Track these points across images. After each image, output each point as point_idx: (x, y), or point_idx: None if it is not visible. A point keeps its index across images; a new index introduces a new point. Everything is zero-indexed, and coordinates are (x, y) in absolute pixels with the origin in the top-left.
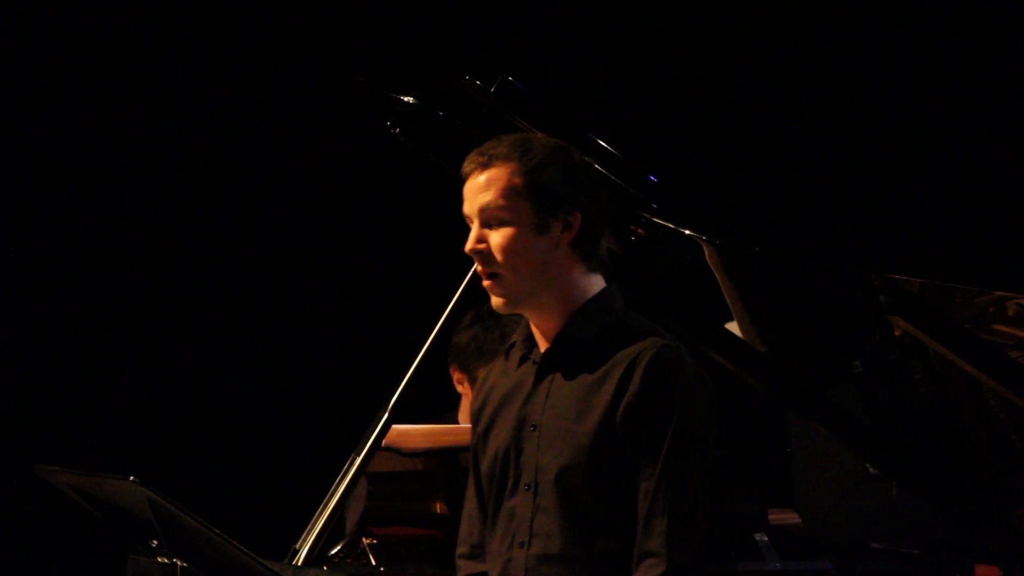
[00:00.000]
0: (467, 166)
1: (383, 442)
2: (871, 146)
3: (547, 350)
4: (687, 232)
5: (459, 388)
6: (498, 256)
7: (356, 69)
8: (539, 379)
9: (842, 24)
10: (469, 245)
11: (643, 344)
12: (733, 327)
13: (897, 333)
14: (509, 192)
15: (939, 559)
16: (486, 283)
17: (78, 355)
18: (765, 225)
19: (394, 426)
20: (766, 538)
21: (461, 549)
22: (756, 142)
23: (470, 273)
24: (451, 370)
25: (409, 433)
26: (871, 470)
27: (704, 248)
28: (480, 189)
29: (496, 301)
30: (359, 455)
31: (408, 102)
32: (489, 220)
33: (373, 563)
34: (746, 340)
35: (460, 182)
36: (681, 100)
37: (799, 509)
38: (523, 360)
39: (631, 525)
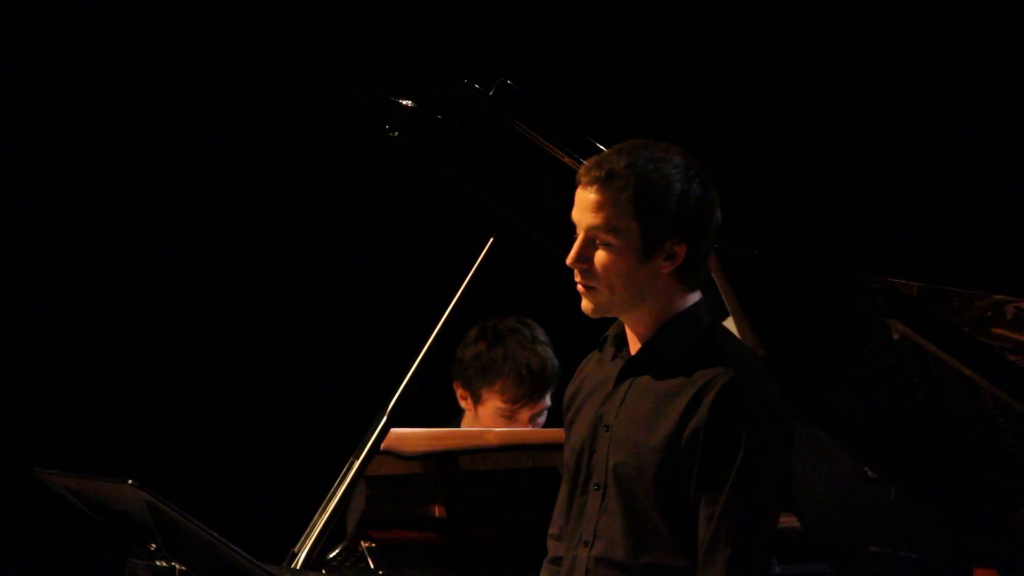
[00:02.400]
0: (583, 175)
1: (382, 445)
2: (869, 149)
3: (632, 356)
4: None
5: (462, 403)
6: (599, 275)
7: (354, 72)
8: (620, 380)
9: (842, 26)
10: (571, 259)
11: (719, 369)
12: (728, 324)
13: (896, 336)
14: (619, 218)
15: (938, 562)
16: (580, 289)
17: (77, 358)
18: (764, 228)
19: (393, 429)
20: None
21: (552, 530)
22: (754, 145)
23: (468, 277)
24: (455, 385)
25: (408, 437)
26: (870, 473)
27: None
28: (591, 207)
29: (586, 305)
30: (358, 458)
31: (406, 105)
32: (594, 239)
33: (372, 567)
34: (745, 343)
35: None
36: (679, 102)
37: (797, 513)
38: (614, 356)
39: (690, 545)
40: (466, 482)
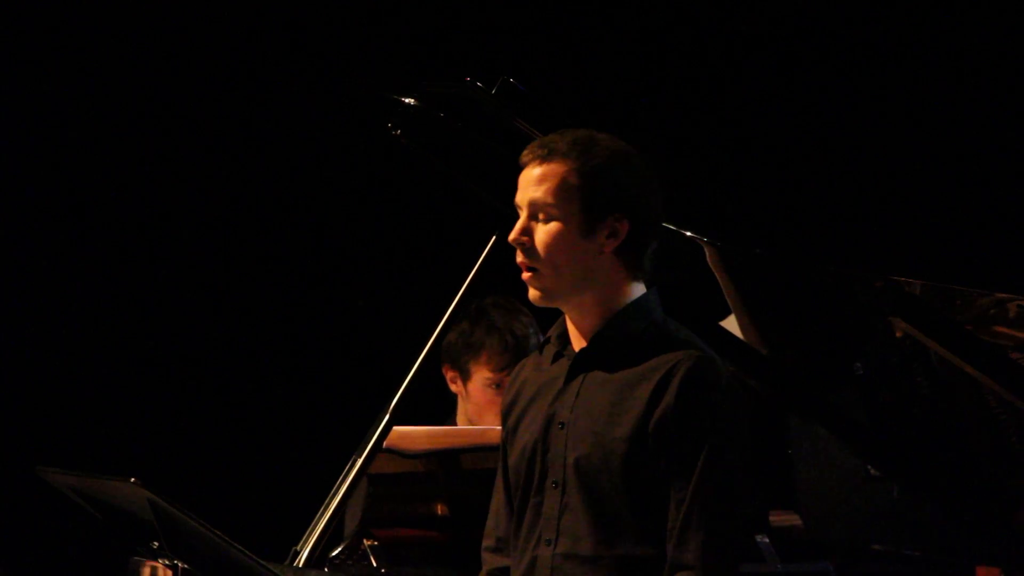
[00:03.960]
0: (526, 156)
1: (384, 444)
2: (872, 148)
3: (582, 349)
4: (688, 234)
5: (452, 387)
6: (540, 251)
7: (357, 71)
8: (571, 377)
9: (844, 26)
10: (513, 235)
11: (679, 354)
12: (730, 323)
13: (898, 335)
14: (561, 190)
15: (940, 561)
16: (525, 276)
17: (79, 356)
18: (767, 227)
19: (395, 428)
20: (767, 540)
21: (487, 542)
22: (757, 144)
23: (471, 276)
24: (444, 371)
25: (410, 435)
26: (872, 472)
27: (706, 250)
28: (533, 182)
29: (533, 294)
30: (360, 456)
31: (409, 103)
32: (537, 214)
33: (374, 565)
34: (748, 342)
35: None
36: (682, 101)
37: (800, 511)
38: (557, 357)
39: (659, 534)
40: (468, 480)
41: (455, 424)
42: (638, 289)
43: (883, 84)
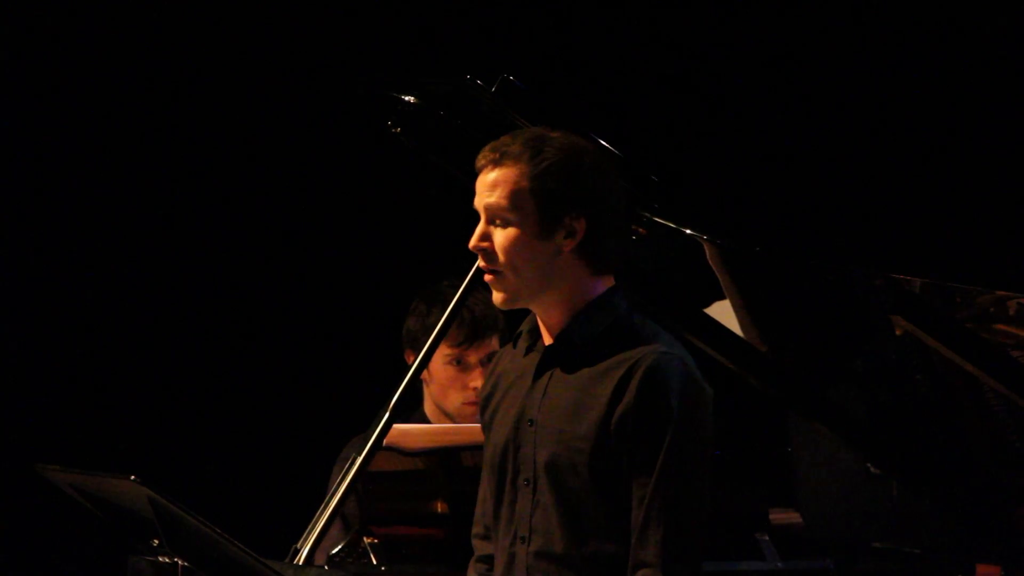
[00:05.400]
0: (480, 160)
1: (384, 441)
2: (872, 145)
3: (548, 346)
4: (688, 231)
5: None
6: (500, 256)
7: (357, 68)
8: (539, 374)
9: (843, 23)
10: (472, 242)
11: (642, 350)
12: (719, 308)
13: (898, 333)
14: (515, 194)
15: (940, 558)
16: (487, 278)
17: (78, 353)
18: (766, 224)
19: (395, 425)
20: (767, 537)
21: (476, 529)
22: (757, 141)
23: (471, 272)
24: (406, 356)
25: (410, 432)
26: (872, 470)
27: (705, 247)
28: (488, 187)
29: (496, 297)
30: (360, 454)
31: (409, 101)
32: (494, 219)
33: (374, 562)
34: (747, 339)
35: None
36: (682, 98)
37: (800, 508)
38: (528, 351)
39: (627, 530)
40: (468, 478)
41: (423, 411)
42: (602, 284)
43: (882, 82)
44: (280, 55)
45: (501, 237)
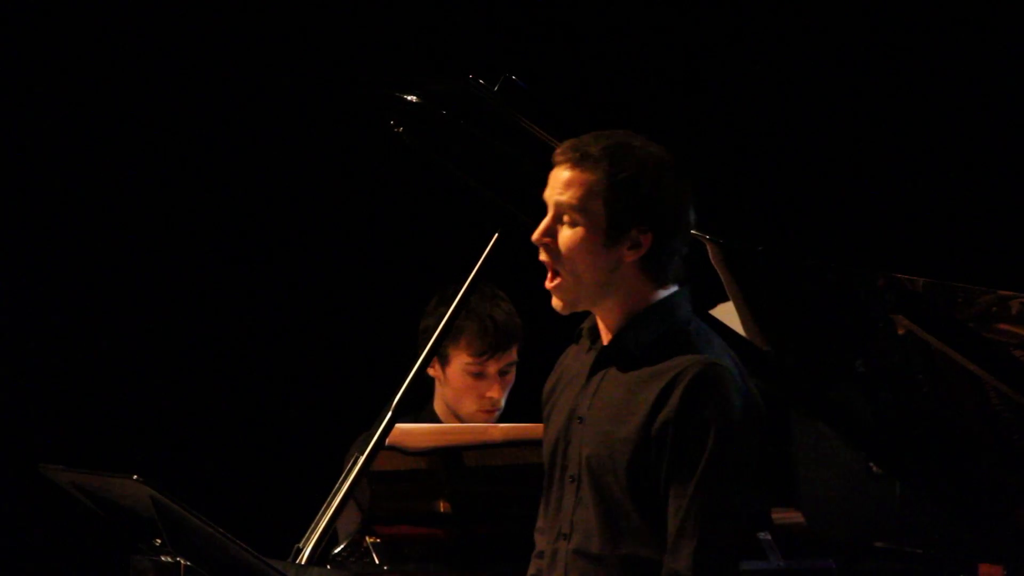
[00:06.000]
0: (558, 155)
1: (387, 441)
2: (874, 144)
3: (603, 347)
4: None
5: (430, 371)
6: (562, 253)
7: (359, 68)
8: (593, 372)
9: (845, 22)
10: (536, 235)
11: (690, 359)
12: (723, 310)
13: (900, 332)
14: (587, 198)
15: (942, 558)
16: (549, 284)
17: (81, 353)
18: (768, 224)
19: (398, 425)
20: (769, 536)
21: (538, 523)
22: (759, 140)
23: (473, 273)
24: None
25: (413, 432)
26: (874, 469)
27: (708, 247)
28: (562, 185)
29: (556, 304)
30: (362, 454)
31: (411, 100)
32: (561, 216)
33: (377, 562)
34: (749, 339)
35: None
36: (684, 98)
37: (802, 508)
38: (590, 348)
39: (663, 535)
40: (471, 477)
41: (433, 408)
42: (664, 291)
43: (884, 81)
44: (283, 55)
45: (566, 237)
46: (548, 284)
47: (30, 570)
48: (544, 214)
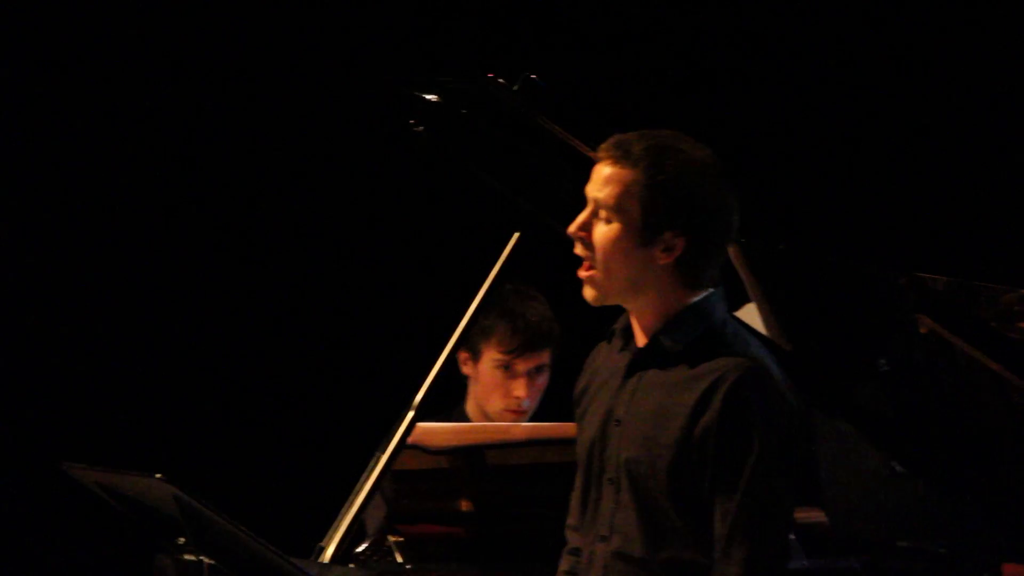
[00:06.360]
0: (601, 151)
1: (408, 440)
2: (896, 143)
3: (639, 349)
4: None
5: (464, 369)
6: (596, 248)
7: (379, 67)
8: (629, 374)
9: (865, 21)
10: (571, 228)
11: (729, 362)
12: (748, 312)
13: (923, 331)
14: (623, 197)
15: (966, 557)
16: (582, 274)
17: (103, 351)
18: (790, 222)
19: (420, 423)
20: (793, 536)
21: (569, 520)
22: (780, 139)
23: (493, 272)
24: (457, 353)
25: (435, 431)
26: (897, 468)
27: (728, 247)
28: (601, 181)
29: (587, 294)
30: (384, 453)
31: (431, 100)
32: (598, 212)
33: (399, 561)
34: (771, 338)
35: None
36: (702, 96)
37: (825, 507)
38: (622, 349)
39: (708, 539)
40: (493, 476)
41: (464, 410)
42: (697, 295)
43: (909, 78)
44: (302, 54)
45: (600, 233)
46: (581, 273)
47: (53, 569)
48: (563, 212)
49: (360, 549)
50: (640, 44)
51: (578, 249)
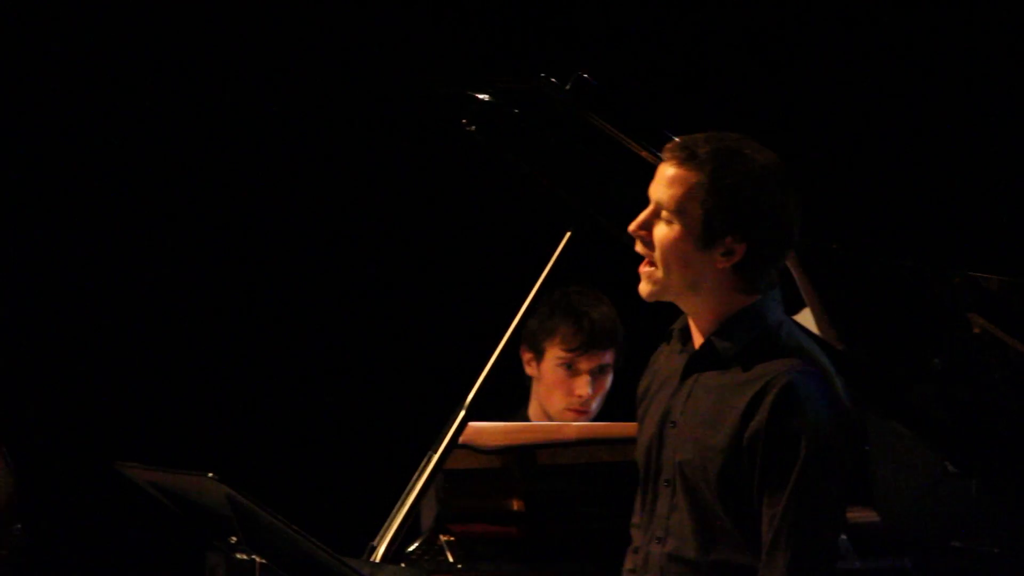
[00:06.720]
0: (667, 151)
1: (460, 439)
2: (950, 142)
3: (694, 351)
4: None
5: (528, 370)
6: (656, 247)
7: (432, 67)
8: (685, 375)
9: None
10: (632, 226)
11: (780, 366)
12: (804, 317)
13: (976, 331)
14: (685, 199)
15: (1020, 558)
16: (641, 269)
17: (158, 351)
18: (843, 222)
19: (471, 423)
20: (844, 536)
21: (632, 519)
22: (832, 137)
23: (545, 272)
24: (521, 352)
25: (486, 430)
26: (950, 468)
27: None
28: (665, 181)
29: (642, 288)
30: (436, 452)
31: (483, 99)
32: (660, 211)
33: (450, 560)
34: (824, 338)
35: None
36: (757, 95)
37: (878, 507)
38: (682, 350)
39: (758, 543)
40: (544, 476)
41: (527, 413)
42: (754, 296)
43: (963, 78)
44: (357, 56)
45: (661, 233)
46: (640, 268)
47: (106, 568)
48: (615, 211)
49: (411, 548)
50: (695, 42)
51: (638, 247)
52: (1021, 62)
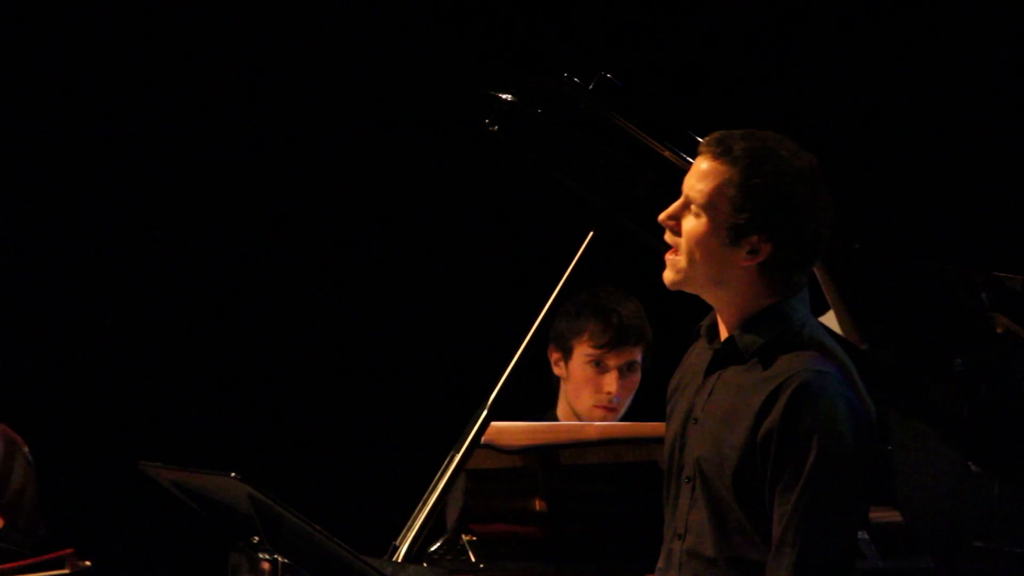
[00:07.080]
0: (703, 144)
1: (482, 439)
2: (973, 142)
3: (717, 349)
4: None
5: (556, 370)
6: (683, 237)
7: (455, 67)
8: (709, 373)
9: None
10: (662, 216)
11: (797, 365)
12: (828, 318)
13: (999, 330)
14: (716, 194)
15: None
16: (667, 256)
17: (181, 351)
18: (866, 222)
19: (493, 423)
20: (867, 536)
21: (668, 519)
22: (856, 138)
23: (567, 272)
24: (549, 353)
25: (508, 430)
26: (973, 468)
27: None
28: (697, 175)
29: (666, 275)
30: (458, 452)
31: (506, 99)
32: (690, 204)
33: (472, 560)
34: (847, 337)
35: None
36: (779, 94)
37: (901, 507)
38: (709, 346)
39: (770, 539)
40: (566, 476)
41: (555, 413)
42: (779, 296)
43: (984, 78)
44: (379, 56)
45: (689, 225)
46: (667, 256)
47: (129, 567)
48: (638, 211)
49: (434, 548)
50: (718, 41)
51: (667, 236)
52: None
